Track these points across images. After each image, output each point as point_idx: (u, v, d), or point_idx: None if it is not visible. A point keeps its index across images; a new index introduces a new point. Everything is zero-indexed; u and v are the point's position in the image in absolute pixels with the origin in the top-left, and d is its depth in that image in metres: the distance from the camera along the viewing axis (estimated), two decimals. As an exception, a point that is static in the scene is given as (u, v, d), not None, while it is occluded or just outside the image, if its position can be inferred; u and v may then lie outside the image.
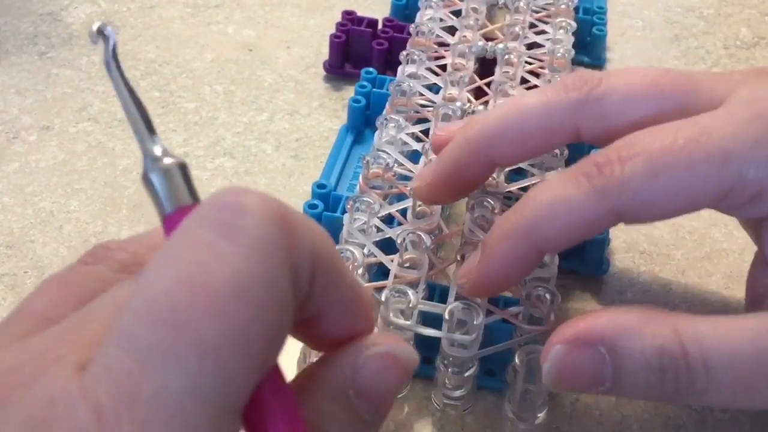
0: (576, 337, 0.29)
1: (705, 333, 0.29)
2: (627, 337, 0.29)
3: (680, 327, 0.29)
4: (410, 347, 0.25)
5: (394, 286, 0.34)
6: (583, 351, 0.29)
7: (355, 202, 0.37)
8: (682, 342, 0.29)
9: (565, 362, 0.29)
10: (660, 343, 0.29)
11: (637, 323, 0.29)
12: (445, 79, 0.44)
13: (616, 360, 0.29)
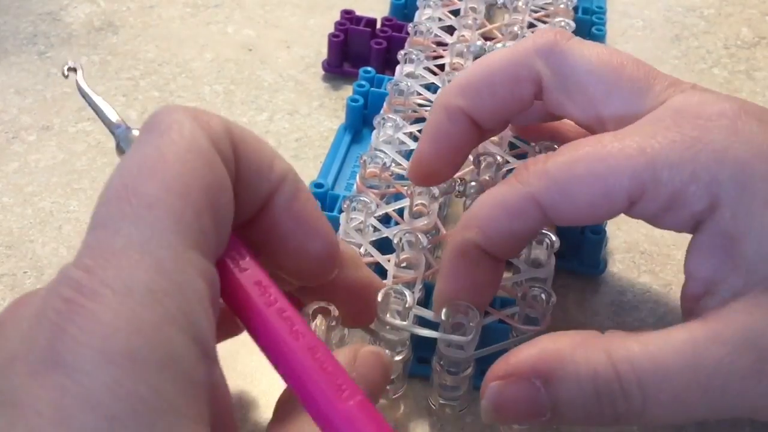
0: (508, 372, 0.30)
1: (636, 353, 0.29)
2: (560, 366, 0.29)
3: (612, 349, 0.29)
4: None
5: (391, 286, 0.34)
6: (517, 385, 0.29)
7: (352, 202, 0.37)
8: (614, 364, 0.29)
9: (501, 398, 0.30)
10: (593, 368, 0.29)
11: (569, 349, 0.29)
12: (443, 79, 0.44)
13: (552, 390, 0.29)
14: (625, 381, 0.29)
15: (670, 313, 0.40)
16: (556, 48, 0.34)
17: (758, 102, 0.52)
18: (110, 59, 0.53)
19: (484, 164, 0.40)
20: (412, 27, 0.48)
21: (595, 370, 0.29)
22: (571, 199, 0.31)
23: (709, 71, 0.56)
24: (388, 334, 0.34)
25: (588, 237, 0.41)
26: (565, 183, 0.31)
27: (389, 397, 0.35)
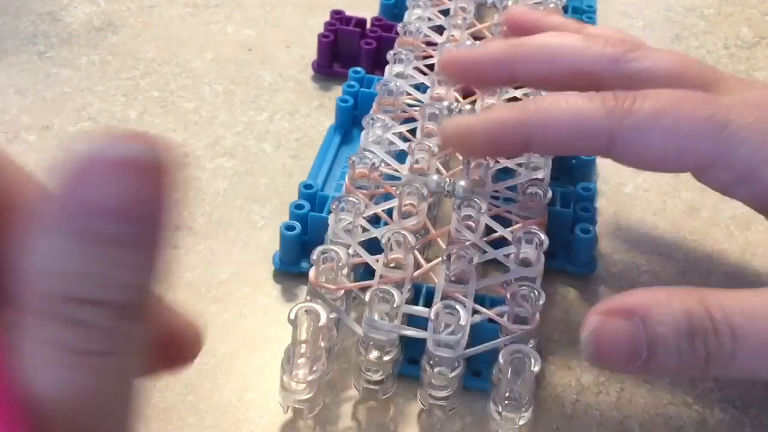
0: (611, 309, 0.31)
1: (727, 300, 0.30)
2: (657, 305, 0.30)
3: (705, 296, 0.30)
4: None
5: (379, 286, 0.34)
6: (617, 321, 0.30)
7: (340, 202, 0.37)
8: (707, 307, 0.30)
9: (601, 333, 0.30)
10: (688, 308, 0.30)
11: (665, 295, 0.31)
12: (433, 79, 0.44)
13: (650, 328, 0.30)
14: (718, 322, 0.30)
15: (670, 313, 0.40)
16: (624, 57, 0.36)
17: (758, 102, 0.52)
18: (110, 59, 0.53)
19: (473, 164, 0.40)
20: (402, 27, 0.48)
21: (690, 310, 0.30)
22: (645, 145, 0.33)
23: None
24: (377, 334, 0.34)
25: (578, 236, 0.41)
26: (648, 130, 0.33)
27: (379, 398, 0.35)
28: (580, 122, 0.33)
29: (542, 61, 0.37)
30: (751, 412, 0.37)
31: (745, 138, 0.32)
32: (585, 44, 0.37)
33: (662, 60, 0.36)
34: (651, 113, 0.33)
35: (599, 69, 0.36)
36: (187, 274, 0.40)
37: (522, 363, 0.33)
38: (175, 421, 0.35)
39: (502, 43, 0.39)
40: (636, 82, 0.35)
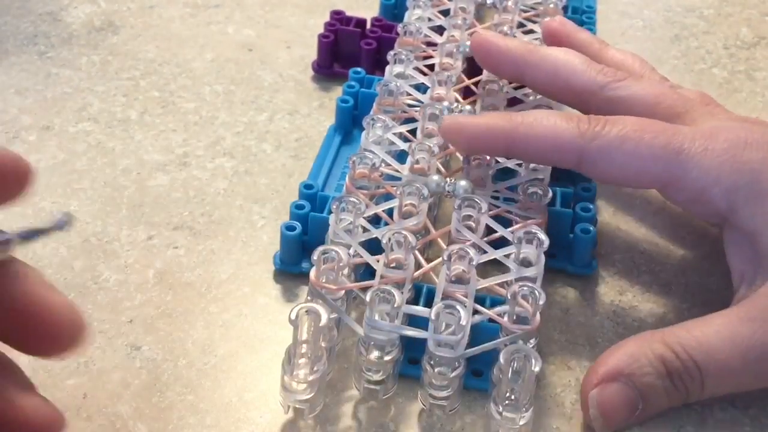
0: (600, 380, 0.35)
1: (683, 337, 0.35)
2: (635, 362, 0.35)
3: (665, 338, 0.35)
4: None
5: (380, 286, 0.34)
6: (610, 387, 0.35)
7: (341, 203, 0.37)
8: (671, 348, 0.35)
9: (602, 402, 0.35)
10: (659, 353, 0.35)
11: (636, 348, 0.35)
12: (433, 79, 0.44)
13: (637, 382, 0.34)
14: (683, 359, 0.34)
15: (670, 312, 0.41)
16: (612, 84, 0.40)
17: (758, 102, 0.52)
18: (110, 59, 0.53)
19: (474, 164, 0.40)
20: (402, 27, 0.48)
21: (662, 355, 0.35)
22: (609, 164, 0.37)
23: (708, 71, 0.56)
24: (378, 334, 0.34)
25: (578, 236, 0.41)
26: (612, 151, 0.37)
27: (379, 398, 0.35)
28: (555, 139, 0.38)
29: (546, 72, 0.41)
30: (751, 412, 0.37)
31: (696, 164, 0.36)
32: (583, 68, 0.41)
33: (641, 91, 0.40)
34: (616, 137, 0.37)
35: (588, 91, 0.41)
36: (187, 274, 0.40)
37: (522, 363, 0.33)
38: (175, 421, 0.35)
39: (520, 42, 0.44)
40: (616, 106, 0.40)
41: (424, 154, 0.40)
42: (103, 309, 0.38)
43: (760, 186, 0.36)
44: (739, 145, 0.37)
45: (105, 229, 0.42)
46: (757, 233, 0.36)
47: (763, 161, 0.36)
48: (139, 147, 0.47)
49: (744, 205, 0.36)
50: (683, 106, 0.40)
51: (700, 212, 0.39)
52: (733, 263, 0.38)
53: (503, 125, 0.38)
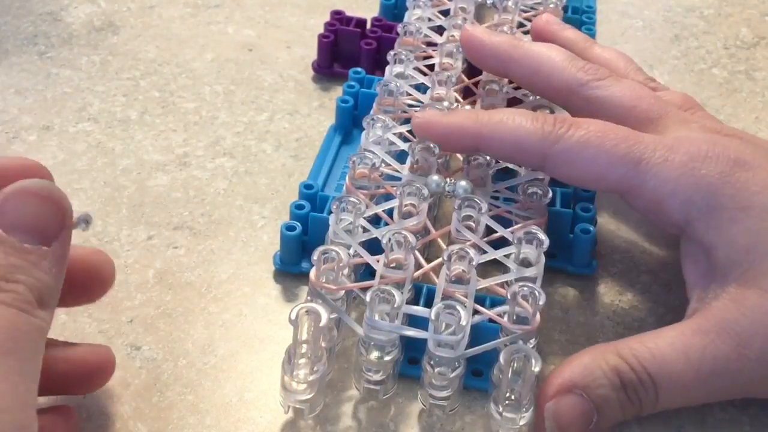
0: (555, 392, 0.34)
1: (637, 348, 0.35)
2: (590, 374, 0.34)
3: (619, 350, 0.35)
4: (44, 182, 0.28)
5: (380, 286, 0.34)
6: (566, 399, 0.34)
7: (341, 203, 0.37)
8: (625, 360, 0.34)
9: (558, 413, 0.34)
10: (614, 365, 0.34)
11: (591, 360, 0.35)
12: (433, 79, 0.44)
13: (592, 394, 0.34)
14: (637, 371, 0.34)
15: (670, 312, 0.41)
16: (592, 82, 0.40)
17: (758, 102, 0.52)
18: (110, 59, 0.53)
19: (474, 164, 0.40)
20: (402, 27, 0.48)
21: (615, 367, 0.34)
22: (571, 168, 0.37)
23: (708, 71, 0.56)
24: (378, 335, 0.34)
25: (578, 236, 0.41)
26: (574, 155, 0.37)
27: (379, 398, 0.35)
28: (519, 141, 0.38)
29: (528, 67, 0.42)
30: (750, 411, 0.37)
31: (654, 175, 0.36)
32: (564, 65, 0.41)
33: (618, 92, 0.40)
34: (578, 142, 0.37)
35: (568, 89, 0.41)
36: (187, 274, 0.41)
37: (522, 363, 0.33)
38: (175, 421, 0.35)
39: (506, 37, 0.44)
40: (593, 106, 0.40)
41: (424, 154, 0.40)
42: (103, 309, 0.38)
43: (716, 201, 0.36)
44: (699, 158, 0.37)
45: (105, 229, 0.42)
46: (712, 247, 0.36)
47: (721, 175, 0.36)
48: (139, 147, 0.47)
49: (699, 219, 0.36)
50: (658, 111, 0.40)
51: (658, 222, 0.39)
52: (687, 275, 0.38)
53: (469, 125, 0.39)
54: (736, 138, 0.39)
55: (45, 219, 0.27)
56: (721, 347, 0.34)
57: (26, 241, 0.26)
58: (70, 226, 0.27)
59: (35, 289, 0.26)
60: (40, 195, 0.27)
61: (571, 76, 0.41)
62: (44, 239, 0.27)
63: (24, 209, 0.27)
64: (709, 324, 0.35)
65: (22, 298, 0.26)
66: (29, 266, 0.26)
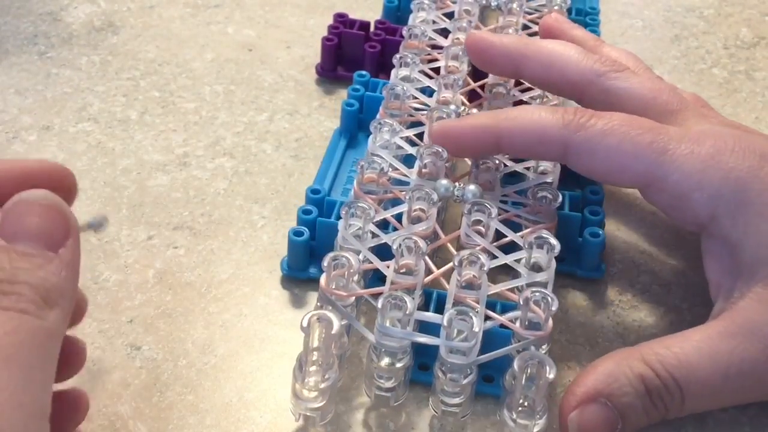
0: (579, 401, 0.34)
1: (662, 354, 0.34)
2: (615, 381, 0.34)
3: (644, 356, 0.34)
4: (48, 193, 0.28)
5: (391, 292, 0.34)
6: (590, 408, 0.34)
7: (350, 208, 0.37)
8: (650, 366, 0.34)
9: (582, 423, 0.34)
10: (639, 372, 0.34)
11: (615, 367, 0.34)
12: (439, 82, 0.44)
13: (617, 402, 0.34)
14: (663, 377, 0.34)
15: (670, 312, 0.41)
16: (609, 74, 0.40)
17: (758, 102, 0.52)
18: (110, 59, 0.53)
19: (482, 168, 0.40)
20: (407, 30, 0.48)
21: (641, 374, 0.34)
22: (592, 158, 0.37)
23: (708, 71, 0.56)
24: (389, 341, 0.33)
25: (588, 240, 0.41)
26: (596, 145, 0.36)
27: (390, 404, 0.35)
28: (540, 132, 0.37)
29: (542, 63, 0.41)
30: (750, 412, 0.37)
31: (679, 166, 0.36)
32: (580, 58, 0.41)
33: (637, 85, 0.39)
34: (601, 131, 0.37)
35: (584, 81, 0.40)
36: (187, 274, 0.40)
37: (536, 369, 0.32)
38: (175, 421, 0.35)
39: (515, 36, 0.44)
40: (612, 97, 0.39)
41: (432, 158, 0.40)
42: (103, 309, 0.38)
43: (745, 195, 0.35)
44: (726, 151, 0.36)
45: (105, 229, 0.42)
46: (738, 243, 0.35)
47: (749, 170, 0.35)
48: (139, 147, 0.47)
49: (726, 214, 0.35)
50: (678, 104, 0.39)
51: (680, 217, 0.38)
52: (710, 274, 0.37)
53: (488, 122, 0.38)
54: (758, 134, 0.39)
55: (48, 227, 0.27)
56: (749, 350, 0.34)
57: (30, 248, 0.26)
58: (77, 233, 0.27)
59: (41, 289, 0.25)
60: (41, 204, 0.27)
61: (587, 67, 0.40)
62: (50, 246, 0.26)
63: (26, 218, 0.26)
64: (735, 326, 0.34)
65: (26, 299, 0.25)
66: (34, 268, 0.26)
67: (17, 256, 0.26)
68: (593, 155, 0.37)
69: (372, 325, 0.34)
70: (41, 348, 0.25)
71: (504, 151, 0.39)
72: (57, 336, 0.26)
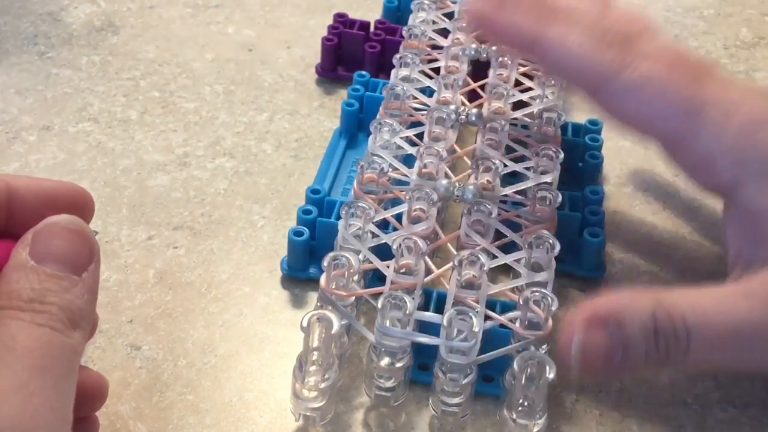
0: (590, 319, 0.33)
1: (678, 299, 0.34)
2: (627, 310, 0.33)
3: (660, 297, 0.34)
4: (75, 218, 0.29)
5: (391, 292, 0.34)
6: (597, 330, 0.33)
7: (350, 208, 0.37)
8: (665, 307, 0.33)
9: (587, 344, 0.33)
10: (652, 311, 0.33)
11: (630, 299, 0.34)
12: (439, 82, 0.44)
13: (623, 330, 0.33)
14: (674, 320, 0.33)
15: (670, 312, 0.40)
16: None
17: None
18: (111, 59, 0.53)
19: (482, 168, 0.40)
20: (407, 30, 0.48)
21: (654, 314, 0.33)
22: (626, 104, 0.36)
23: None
24: (389, 341, 0.33)
25: (588, 240, 0.41)
26: (633, 91, 0.36)
27: (390, 404, 0.35)
28: (580, 61, 0.37)
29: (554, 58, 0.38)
30: (750, 412, 0.37)
31: (711, 129, 0.35)
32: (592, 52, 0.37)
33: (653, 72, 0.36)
34: (641, 78, 0.36)
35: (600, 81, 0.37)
36: (187, 274, 0.41)
37: (536, 369, 0.32)
38: (175, 421, 0.35)
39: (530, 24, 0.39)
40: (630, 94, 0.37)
41: (432, 158, 0.40)
42: (103, 309, 0.38)
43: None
44: (759, 122, 0.35)
45: (105, 229, 0.42)
46: (762, 212, 0.35)
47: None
48: (139, 147, 0.47)
49: (751, 181, 0.35)
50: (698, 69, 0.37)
51: (704, 181, 0.37)
52: (731, 241, 0.36)
53: (530, 27, 0.37)
54: None
55: (75, 251, 0.28)
56: (766, 314, 0.33)
57: (58, 270, 0.27)
58: (98, 259, 0.29)
59: (68, 311, 0.27)
60: (69, 229, 0.28)
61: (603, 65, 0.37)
62: (75, 270, 0.28)
63: (55, 242, 0.28)
64: (755, 288, 0.34)
65: (56, 318, 0.27)
66: (61, 290, 0.27)
67: (46, 277, 0.27)
68: (626, 102, 0.36)
69: (372, 325, 0.34)
70: (69, 362, 0.27)
71: (536, 58, 0.39)
72: (79, 354, 0.27)
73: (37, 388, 0.25)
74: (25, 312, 0.26)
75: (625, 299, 0.34)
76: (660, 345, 0.33)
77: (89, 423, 0.32)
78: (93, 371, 0.32)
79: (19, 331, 0.26)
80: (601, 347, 0.33)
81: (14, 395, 0.25)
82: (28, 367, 0.25)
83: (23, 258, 0.27)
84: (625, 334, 0.33)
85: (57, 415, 0.26)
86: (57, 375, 0.26)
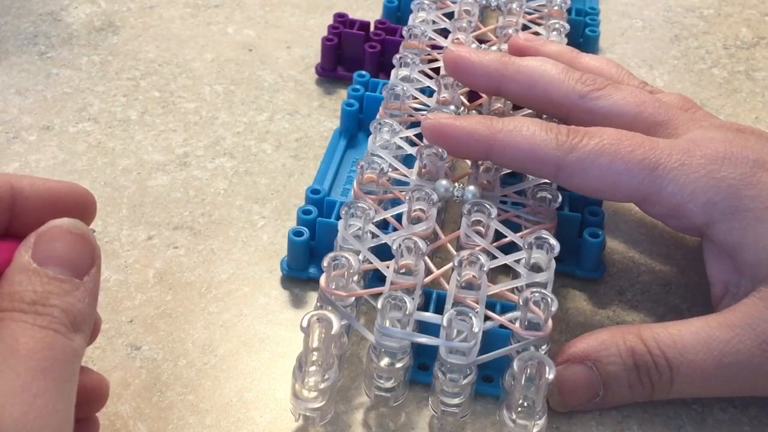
0: (567, 358, 0.35)
1: (659, 333, 0.35)
2: (605, 348, 0.35)
3: (641, 332, 0.35)
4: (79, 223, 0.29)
5: (390, 293, 0.34)
6: (574, 367, 0.35)
7: (350, 208, 0.37)
8: (645, 342, 0.35)
9: (563, 379, 0.35)
10: (630, 346, 0.35)
11: (609, 336, 0.36)
12: (439, 82, 0.44)
13: (602, 369, 0.35)
14: (655, 355, 0.35)
15: (670, 312, 0.41)
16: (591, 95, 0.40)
17: (757, 102, 0.52)
18: (111, 59, 0.53)
19: (482, 168, 0.40)
20: (407, 30, 0.48)
21: (633, 348, 0.35)
22: (585, 177, 0.37)
23: (708, 71, 0.56)
24: (389, 342, 0.33)
25: (588, 240, 0.41)
26: (588, 164, 0.37)
27: (390, 405, 0.35)
28: (533, 150, 0.37)
29: (523, 84, 0.41)
30: (750, 412, 0.37)
31: (672, 179, 0.36)
32: (561, 77, 0.40)
33: (621, 100, 0.40)
34: (592, 151, 0.37)
35: (568, 102, 0.40)
36: (187, 274, 0.41)
37: (536, 370, 0.32)
38: (175, 421, 0.35)
39: (495, 55, 0.43)
40: (596, 116, 0.40)
41: (432, 159, 0.40)
42: (103, 309, 0.38)
43: (738, 201, 0.36)
44: (717, 160, 0.36)
45: (105, 229, 0.42)
46: (736, 247, 0.36)
47: (741, 177, 0.36)
48: (139, 147, 0.47)
49: (721, 220, 0.36)
50: (665, 114, 0.39)
51: (677, 226, 0.38)
52: (713, 275, 0.37)
53: (482, 131, 0.38)
54: (749, 134, 0.39)
55: (77, 255, 0.28)
56: (746, 342, 0.34)
57: (60, 273, 0.28)
58: (100, 263, 0.29)
59: (70, 314, 0.27)
60: (72, 233, 0.28)
61: (569, 88, 0.40)
62: (77, 273, 0.28)
63: (57, 245, 0.28)
64: (735, 319, 0.35)
65: (58, 321, 0.27)
66: (63, 293, 0.27)
67: (48, 280, 0.27)
68: (586, 176, 0.37)
69: (372, 325, 0.34)
70: (70, 365, 0.27)
71: (494, 161, 0.39)
72: (80, 357, 0.28)
73: (41, 389, 0.25)
74: (28, 314, 0.27)
75: (603, 336, 0.36)
76: (643, 378, 0.35)
77: (89, 423, 0.32)
78: (94, 372, 0.32)
79: (21, 333, 0.26)
80: (581, 384, 0.35)
81: (18, 397, 0.25)
82: (31, 369, 0.26)
83: (26, 260, 0.27)
84: (605, 370, 0.35)
85: (60, 417, 0.26)
86: (59, 377, 0.26)
